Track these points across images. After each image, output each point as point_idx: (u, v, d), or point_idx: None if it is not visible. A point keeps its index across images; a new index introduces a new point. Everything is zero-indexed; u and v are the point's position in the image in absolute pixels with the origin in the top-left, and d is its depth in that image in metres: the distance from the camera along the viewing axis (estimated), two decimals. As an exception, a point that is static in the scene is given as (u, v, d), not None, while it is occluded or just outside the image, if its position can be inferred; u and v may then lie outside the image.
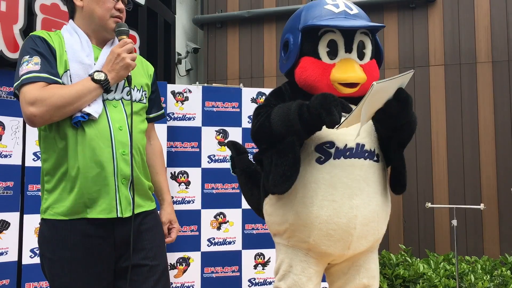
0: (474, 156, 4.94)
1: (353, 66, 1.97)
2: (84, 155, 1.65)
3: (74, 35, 1.77)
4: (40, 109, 1.58)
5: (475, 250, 4.82)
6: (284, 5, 5.61)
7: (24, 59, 1.65)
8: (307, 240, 1.98)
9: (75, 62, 1.70)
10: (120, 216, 1.69)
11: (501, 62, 4.95)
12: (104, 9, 1.76)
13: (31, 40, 1.71)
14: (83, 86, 1.64)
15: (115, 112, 1.72)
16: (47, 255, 1.69)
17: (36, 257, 3.20)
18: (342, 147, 1.95)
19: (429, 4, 5.20)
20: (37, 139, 3.24)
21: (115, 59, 1.69)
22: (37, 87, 1.60)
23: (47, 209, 1.71)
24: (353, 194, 1.93)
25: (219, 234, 3.86)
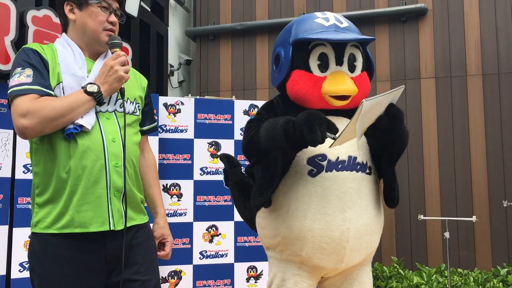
0: (466, 168, 4.96)
1: (344, 78, 1.98)
2: (77, 167, 1.63)
3: (67, 48, 1.76)
4: (32, 121, 1.56)
5: (467, 262, 4.82)
6: (276, 17, 5.65)
7: (16, 71, 1.65)
8: (299, 254, 1.97)
9: (68, 74, 1.69)
10: (112, 229, 1.66)
11: (491, 75, 5.00)
12: (97, 22, 1.77)
13: (23, 52, 1.71)
14: (75, 98, 1.63)
15: (108, 124, 1.71)
16: (37, 269, 1.66)
17: (25, 271, 3.15)
18: (334, 159, 1.95)
19: (420, 18, 5.25)
20: (27, 151, 3.22)
21: (108, 72, 1.69)
22: (28, 99, 1.59)
23: (38, 223, 1.67)
24: (346, 207, 1.93)
25: (211, 247, 3.83)
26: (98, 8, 1.77)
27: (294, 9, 5.65)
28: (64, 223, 1.63)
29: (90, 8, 1.76)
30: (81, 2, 1.77)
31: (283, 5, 5.71)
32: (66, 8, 1.79)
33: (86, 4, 1.76)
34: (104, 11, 1.78)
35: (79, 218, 1.63)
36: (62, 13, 1.82)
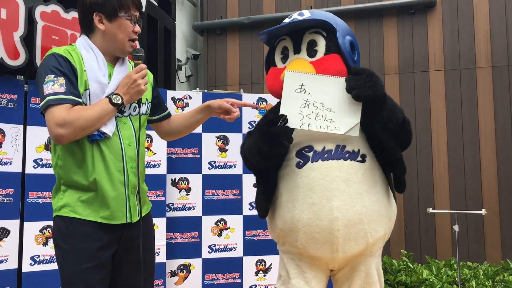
0: (475, 160, 4.93)
1: (300, 62, 2.04)
2: (100, 168, 1.82)
3: (90, 52, 1.87)
4: (68, 130, 1.73)
5: (476, 255, 4.80)
6: (283, 11, 5.63)
7: (49, 78, 1.76)
8: (295, 245, 2.02)
9: (94, 81, 1.83)
10: (129, 221, 1.89)
11: (500, 67, 4.95)
12: (125, 34, 1.88)
13: (54, 58, 1.80)
14: (103, 109, 1.79)
15: (125, 129, 1.90)
16: (62, 245, 1.82)
17: (36, 264, 3.18)
18: (320, 150, 1.97)
19: (428, 10, 5.21)
20: (37, 146, 3.25)
21: (131, 84, 1.84)
22: (64, 109, 1.73)
23: (62, 207, 1.83)
24: (332, 195, 1.93)
25: (220, 240, 3.85)
26: (126, 21, 1.88)
27: (302, 2, 5.62)
28: (88, 212, 1.82)
29: (119, 21, 1.87)
30: (111, 15, 1.86)
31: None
32: (96, 18, 1.86)
33: (115, 16, 1.86)
34: (131, 23, 1.90)
35: (102, 213, 1.83)
36: (89, 22, 1.89)
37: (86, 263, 1.78)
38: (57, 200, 1.87)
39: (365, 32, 5.32)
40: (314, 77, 1.97)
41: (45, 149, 3.28)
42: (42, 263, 3.21)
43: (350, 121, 1.94)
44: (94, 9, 1.86)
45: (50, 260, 3.24)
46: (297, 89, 1.97)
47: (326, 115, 1.96)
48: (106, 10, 1.86)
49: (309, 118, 1.95)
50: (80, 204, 1.82)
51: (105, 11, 1.86)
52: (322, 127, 1.95)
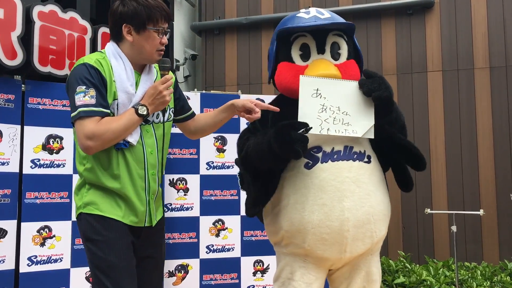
0: (473, 161, 4.93)
1: (326, 64, 2.03)
2: (124, 174, 1.90)
3: (119, 61, 1.92)
4: (96, 143, 1.80)
5: (474, 256, 4.81)
6: (282, 11, 5.63)
7: (81, 89, 1.82)
8: (302, 246, 1.99)
9: (122, 91, 1.89)
10: (148, 225, 1.99)
11: (498, 68, 4.96)
12: (152, 46, 1.93)
13: (85, 69, 1.85)
14: (129, 120, 1.85)
15: (148, 137, 1.97)
16: (94, 237, 1.87)
17: (33, 265, 3.18)
18: (329, 150, 1.98)
19: (427, 10, 5.22)
20: (35, 147, 3.24)
21: (156, 95, 1.89)
22: (93, 122, 1.80)
23: (88, 204, 1.90)
24: (343, 196, 1.94)
25: (218, 241, 3.84)
26: (154, 34, 1.91)
27: (300, 2, 5.63)
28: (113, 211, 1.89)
29: (147, 33, 1.90)
30: (139, 28, 1.90)
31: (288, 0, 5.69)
32: (124, 29, 1.91)
33: (144, 29, 1.90)
34: (159, 35, 1.93)
35: (127, 216, 1.91)
36: (119, 31, 1.92)
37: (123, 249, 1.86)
38: (81, 197, 1.93)
39: (363, 33, 5.33)
40: (329, 81, 1.98)
41: (43, 149, 3.28)
42: (39, 263, 3.20)
43: (365, 124, 1.98)
44: (123, 20, 1.90)
45: (48, 261, 3.23)
46: (313, 94, 1.97)
47: (343, 118, 1.97)
48: (135, 22, 1.89)
49: (327, 122, 1.96)
50: (106, 202, 1.89)
51: (134, 23, 1.89)
52: (341, 131, 1.96)
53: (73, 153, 3.36)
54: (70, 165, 3.35)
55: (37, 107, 3.28)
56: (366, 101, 1.99)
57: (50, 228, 3.26)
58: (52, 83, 3.36)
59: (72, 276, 3.31)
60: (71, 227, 3.33)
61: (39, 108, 3.29)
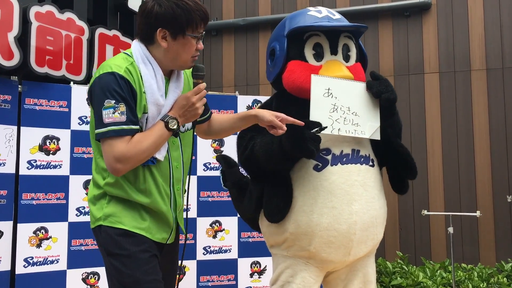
0: (470, 163, 4.94)
1: (340, 66, 2.03)
2: (150, 189, 1.76)
3: (149, 67, 1.73)
4: (125, 166, 1.66)
5: (471, 257, 4.82)
6: (279, 13, 5.63)
7: (110, 103, 1.64)
8: (307, 248, 1.98)
9: (152, 104, 1.72)
10: (172, 241, 1.89)
11: (495, 70, 4.97)
12: (189, 53, 1.75)
13: (114, 79, 1.65)
14: (160, 137, 1.70)
15: (174, 150, 1.83)
16: (117, 251, 1.72)
17: (30, 266, 3.16)
18: (339, 153, 1.97)
19: (424, 12, 5.23)
20: (31, 148, 3.23)
21: (188, 107, 1.73)
22: (124, 142, 1.65)
23: (108, 216, 1.75)
24: (352, 199, 1.94)
25: (215, 242, 3.84)
26: (192, 39, 1.73)
27: (297, 3, 5.63)
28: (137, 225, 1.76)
29: (184, 39, 1.72)
30: (177, 33, 1.70)
31: (286, 0, 5.69)
32: (159, 33, 1.71)
33: (182, 35, 1.71)
34: (197, 42, 1.76)
35: (151, 231, 1.78)
36: (152, 34, 1.73)
37: (149, 264, 1.73)
38: (100, 208, 1.77)
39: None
40: (340, 81, 1.98)
41: (39, 150, 3.27)
42: (35, 265, 3.19)
43: (373, 125, 1.99)
44: (159, 24, 1.69)
45: (44, 262, 3.22)
46: (324, 94, 1.96)
47: (353, 119, 1.97)
48: (173, 27, 1.69)
49: (338, 122, 1.95)
50: (129, 216, 1.75)
51: (171, 28, 1.69)
52: (350, 132, 1.96)
53: (70, 154, 3.36)
54: (66, 166, 3.34)
55: (34, 108, 3.27)
56: (373, 103, 2.01)
57: (47, 229, 3.25)
58: (49, 84, 3.35)
59: (69, 277, 3.30)
60: (67, 228, 3.32)
61: (36, 109, 3.28)
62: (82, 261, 3.33)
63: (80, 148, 3.39)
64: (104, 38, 3.85)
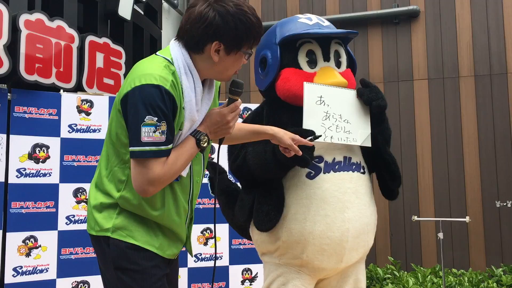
0: (459, 169, 4.98)
1: (333, 72, 2.04)
2: (169, 205, 1.66)
3: (190, 80, 1.59)
4: (157, 188, 1.56)
5: (461, 262, 4.84)
6: (269, 20, 5.65)
7: (151, 121, 1.49)
8: (300, 257, 1.98)
9: (188, 121, 1.59)
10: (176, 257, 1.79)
11: (483, 76, 5.03)
12: (237, 68, 1.66)
13: (159, 94, 1.50)
14: (191, 155, 1.59)
15: (196, 164, 1.71)
16: (127, 266, 1.62)
17: (19, 275, 3.13)
18: (331, 160, 1.98)
19: (412, 20, 5.28)
20: (20, 156, 3.21)
21: (222, 125, 1.62)
22: (160, 164, 1.53)
23: (118, 229, 1.64)
24: (345, 207, 1.95)
25: (206, 249, 3.82)
26: (243, 56, 1.64)
27: (287, 11, 5.66)
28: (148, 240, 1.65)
29: (237, 55, 1.61)
30: (233, 49, 1.59)
31: (276, 8, 5.72)
32: (214, 47, 1.57)
33: (237, 51, 1.60)
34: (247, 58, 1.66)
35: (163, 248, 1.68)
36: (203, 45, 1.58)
37: (160, 282, 1.64)
38: (109, 218, 1.65)
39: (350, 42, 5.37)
40: (331, 89, 1.99)
41: (29, 158, 3.24)
42: (24, 274, 3.16)
43: (364, 132, 2.00)
44: (216, 36, 1.55)
45: (33, 271, 3.19)
46: (317, 101, 1.97)
47: (345, 126, 1.98)
48: (230, 41, 1.56)
49: (330, 130, 1.96)
50: (140, 230, 1.64)
51: (228, 41, 1.56)
52: (342, 139, 1.97)
53: (60, 162, 3.34)
54: (56, 174, 3.32)
55: (23, 116, 3.25)
56: (364, 110, 2.02)
57: (36, 238, 3.22)
58: (39, 92, 3.33)
59: (58, 286, 3.27)
60: (57, 237, 3.29)
61: (25, 117, 3.26)
62: (72, 270, 3.30)
63: (70, 156, 3.37)
64: (95, 46, 3.84)
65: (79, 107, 3.43)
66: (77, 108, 3.42)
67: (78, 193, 3.38)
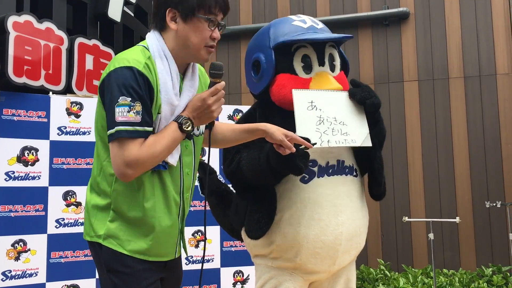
0: (449, 169, 5.01)
1: (328, 78, 2.03)
2: (159, 200, 1.63)
3: (165, 62, 1.61)
4: (136, 171, 1.53)
5: (452, 263, 4.87)
6: (260, 22, 5.66)
7: (125, 101, 1.50)
8: (294, 260, 1.97)
9: (166, 103, 1.59)
10: (177, 256, 1.75)
11: (472, 78, 5.07)
12: (201, 38, 1.61)
13: (133, 75, 1.52)
14: (173, 139, 1.56)
15: (186, 155, 1.69)
16: (119, 268, 1.60)
17: (8, 279, 3.10)
18: (325, 164, 1.97)
19: (402, 22, 5.31)
20: (9, 159, 3.18)
21: (204, 109, 1.60)
22: (136, 145, 1.51)
23: (109, 237, 1.62)
24: (338, 211, 1.95)
25: (197, 252, 3.81)
26: (205, 23, 1.60)
27: (278, 13, 5.67)
28: (139, 249, 1.62)
29: (196, 22, 1.60)
30: (187, 14, 1.59)
31: (267, 10, 5.72)
32: (169, 14, 1.60)
33: (192, 16, 1.59)
34: (210, 26, 1.61)
35: (155, 250, 1.64)
36: (162, 17, 1.63)
37: (150, 285, 1.61)
38: (102, 224, 1.63)
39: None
40: (321, 93, 1.98)
41: (17, 161, 3.21)
42: (14, 278, 3.13)
43: (362, 132, 1.98)
44: (168, 4, 1.59)
45: (22, 275, 3.16)
46: (308, 107, 1.94)
47: (341, 128, 1.96)
48: (183, 7, 1.58)
49: (326, 134, 1.93)
50: (131, 236, 1.61)
51: (181, 8, 1.58)
52: (341, 142, 1.94)
53: (49, 165, 3.31)
54: (45, 178, 3.29)
55: (12, 119, 3.23)
56: (358, 110, 2.01)
57: (25, 242, 3.19)
58: (27, 94, 3.30)
59: (48, 290, 3.24)
60: (46, 240, 3.26)
61: (14, 120, 3.23)
62: (61, 274, 3.28)
63: (60, 159, 3.35)
64: (84, 48, 3.82)
65: (68, 109, 3.41)
66: (67, 111, 3.40)
67: (68, 196, 3.36)
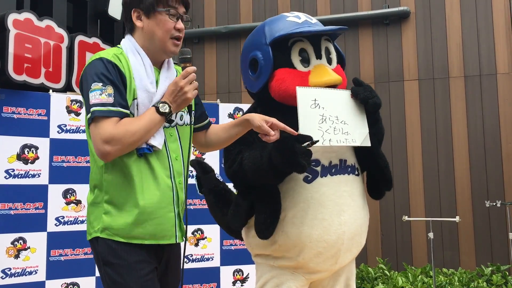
0: (449, 169, 5.01)
1: (327, 70, 2.03)
2: (149, 184, 1.69)
3: (137, 57, 1.75)
4: (115, 147, 1.60)
5: (451, 262, 4.87)
6: (260, 20, 5.63)
7: (97, 86, 1.63)
8: (296, 259, 1.97)
9: (142, 90, 1.70)
10: (178, 241, 1.78)
11: (472, 77, 5.06)
12: (164, 30, 1.73)
13: (102, 64, 1.66)
14: (150, 120, 1.65)
15: (172, 141, 1.77)
16: (114, 261, 1.67)
17: (7, 277, 3.10)
18: (327, 164, 1.97)
19: (403, 21, 5.30)
20: (9, 157, 3.18)
21: (177, 92, 1.69)
22: (111, 123, 1.60)
23: (105, 229, 1.69)
24: (341, 210, 1.95)
25: (197, 250, 3.81)
26: (165, 16, 1.73)
27: (278, 11, 5.66)
28: (135, 234, 1.68)
29: (158, 16, 1.73)
30: (149, 10, 1.72)
31: (267, 8, 5.72)
32: (134, 15, 1.75)
33: (154, 11, 1.72)
34: (172, 18, 1.74)
35: (150, 232, 1.70)
36: (129, 19, 1.78)
37: (146, 276, 1.66)
38: (98, 219, 1.71)
39: (340, 42, 5.39)
40: (325, 91, 1.96)
41: (17, 159, 3.22)
42: (13, 276, 3.13)
43: (362, 132, 1.97)
44: (132, 5, 1.75)
45: (22, 273, 3.16)
46: (311, 105, 1.93)
47: (343, 128, 1.95)
48: (144, 5, 1.73)
49: (328, 133, 1.92)
50: (126, 224, 1.67)
51: (142, 6, 1.73)
52: (341, 141, 1.94)
53: (49, 163, 3.31)
54: (45, 175, 3.30)
55: (12, 116, 3.23)
56: (359, 109, 2.01)
57: (25, 240, 3.19)
58: (28, 92, 3.31)
59: (48, 288, 3.25)
60: (46, 238, 3.26)
61: (14, 117, 3.23)
62: (61, 272, 3.28)
63: (60, 157, 3.35)
64: (84, 46, 3.82)
65: (68, 107, 3.41)
66: (67, 109, 3.40)
67: (68, 194, 3.36)
